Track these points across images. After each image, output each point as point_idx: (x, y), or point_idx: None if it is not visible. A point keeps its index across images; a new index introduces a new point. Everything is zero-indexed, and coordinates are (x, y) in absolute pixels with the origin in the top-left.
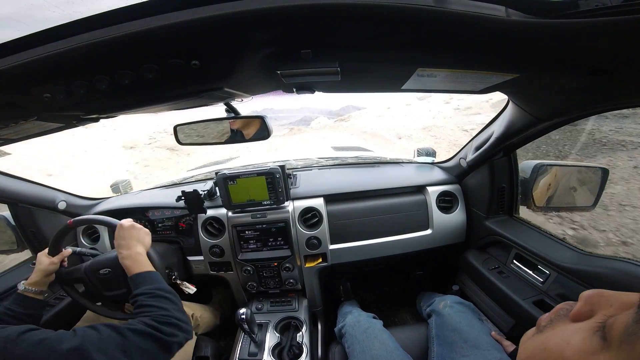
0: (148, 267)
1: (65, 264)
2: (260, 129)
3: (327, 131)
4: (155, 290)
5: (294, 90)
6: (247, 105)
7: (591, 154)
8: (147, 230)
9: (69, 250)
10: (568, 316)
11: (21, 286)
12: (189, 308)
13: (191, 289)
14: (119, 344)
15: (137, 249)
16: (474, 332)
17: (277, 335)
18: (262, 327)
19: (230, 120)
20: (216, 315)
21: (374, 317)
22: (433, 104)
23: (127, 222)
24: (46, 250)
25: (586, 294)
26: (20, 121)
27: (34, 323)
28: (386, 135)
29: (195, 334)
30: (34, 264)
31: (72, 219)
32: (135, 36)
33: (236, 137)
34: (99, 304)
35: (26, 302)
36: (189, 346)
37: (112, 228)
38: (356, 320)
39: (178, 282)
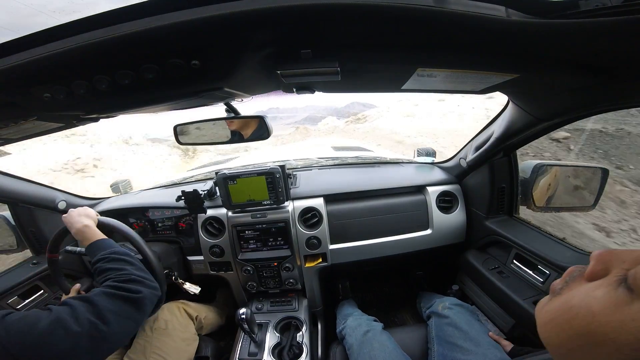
0: (99, 235)
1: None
2: (260, 129)
3: (339, 136)
4: (109, 254)
5: (294, 90)
6: (247, 105)
7: None
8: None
9: (77, 285)
10: (582, 276)
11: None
12: (193, 310)
13: (195, 288)
14: (92, 312)
15: (83, 222)
16: (473, 332)
17: (277, 335)
18: (262, 327)
19: (230, 120)
20: (221, 315)
21: (375, 320)
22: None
23: (70, 210)
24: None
25: (596, 253)
26: (20, 121)
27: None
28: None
29: (199, 335)
30: (35, 264)
31: (47, 251)
32: (135, 36)
33: (236, 137)
34: None
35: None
36: (191, 347)
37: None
38: (357, 324)
39: (180, 281)
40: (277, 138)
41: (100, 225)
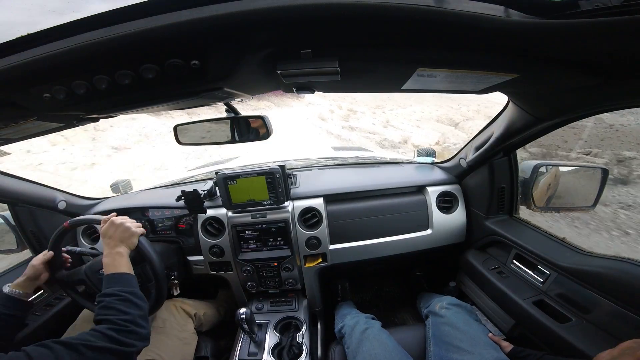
0: (124, 268)
1: (69, 265)
2: (260, 129)
3: None
4: (126, 294)
5: (294, 90)
6: (247, 105)
7: None
8: (138, 230)
9: (50, 253)
10: (633, 356)
11: (6, 288)
12: (192, 307)
13: (176, 291)
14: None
15: (118, 248)
16: (470, 331)
17: (277, 335)
18: (262, 327)
19: (230, 120)
20: (220, 311)
21: (373, 318)
22: None
23: (119, 219)
24: (40, 255)
25: None
26: (20, 121)
27: (17, 324)
28: None
29: (199, 332)
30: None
31: (69, 221)
32: (135, 36)
33: (236, 137)
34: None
35: (10, 303)
36: (190, 346)
37: (98, 223)
38: (355, 321)
39: (175, 282)
40: None
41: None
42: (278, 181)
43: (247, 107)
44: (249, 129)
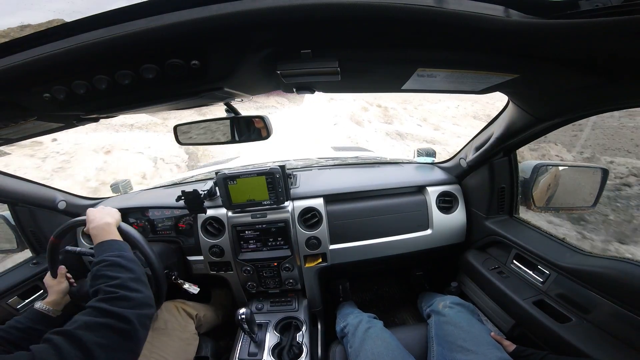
0: (114, 236)
1: (73, 281)
2: (260, 129)
3: None
4: (113, 257)
5: (294, 90)
6: (247, 105)
7: None
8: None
9: (63, 268)
10: None
11: (39, 304)
12: (193, 309)
13: (194, 288)
14: (79, 349)
15: (105, 219)
16: (473, 331)
17: (277, 335)
18: (262, 327)
19: (230, 120)
20: (218, 314)
21: (375, 317)
22: None
23: (95, 208)
24: (48, 275)
25: None
26: (20, 121)
27: (37, 338)
28: None
29: (198, 334)
30: (35, 264)
31: (53, 234)
32: (135, 36)
33: (236, 137)
34: None
35: (39, 318)
36: (192, 346)
37: (83, 224)
38: (358, 321)
39: (179, 282)
40: None
41: (119, 230)
42: (278, 181)
43: (251, 106)
44: (249, 129)
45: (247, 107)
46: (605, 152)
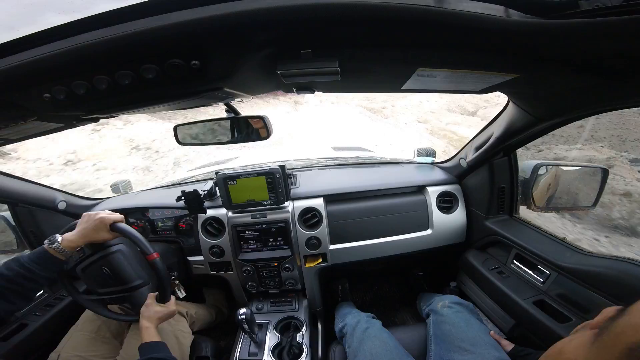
0: (155, 337)
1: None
2: (260, 129)
3: None
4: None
5: (294, 90)
6: (247, 105)
7: None
8: (169, 309)
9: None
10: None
11: (55, 243)
12: (183, 307)
13: (182, 293)
14: None
15: (146, 324)
16: (472, 331)
17: (277, 335)
18: (262, 327)
19: (230, 120)
20: (211, 313)
21: (373, 317)
22: None
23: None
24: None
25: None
26: (20, 121)
27: (48, 284)
28: None
29: (193, 332)
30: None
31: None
32: (135, 36)
33: (236, 137)
34: (87, 297)
35: (48, 263)
36: (186, 339)
37: (144, 255)
38: (356, 321)
39: (176, 282)
40: None
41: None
42: (278, 181)
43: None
44: (249, 129)
45: (249, 106)
46: (624, 145)
